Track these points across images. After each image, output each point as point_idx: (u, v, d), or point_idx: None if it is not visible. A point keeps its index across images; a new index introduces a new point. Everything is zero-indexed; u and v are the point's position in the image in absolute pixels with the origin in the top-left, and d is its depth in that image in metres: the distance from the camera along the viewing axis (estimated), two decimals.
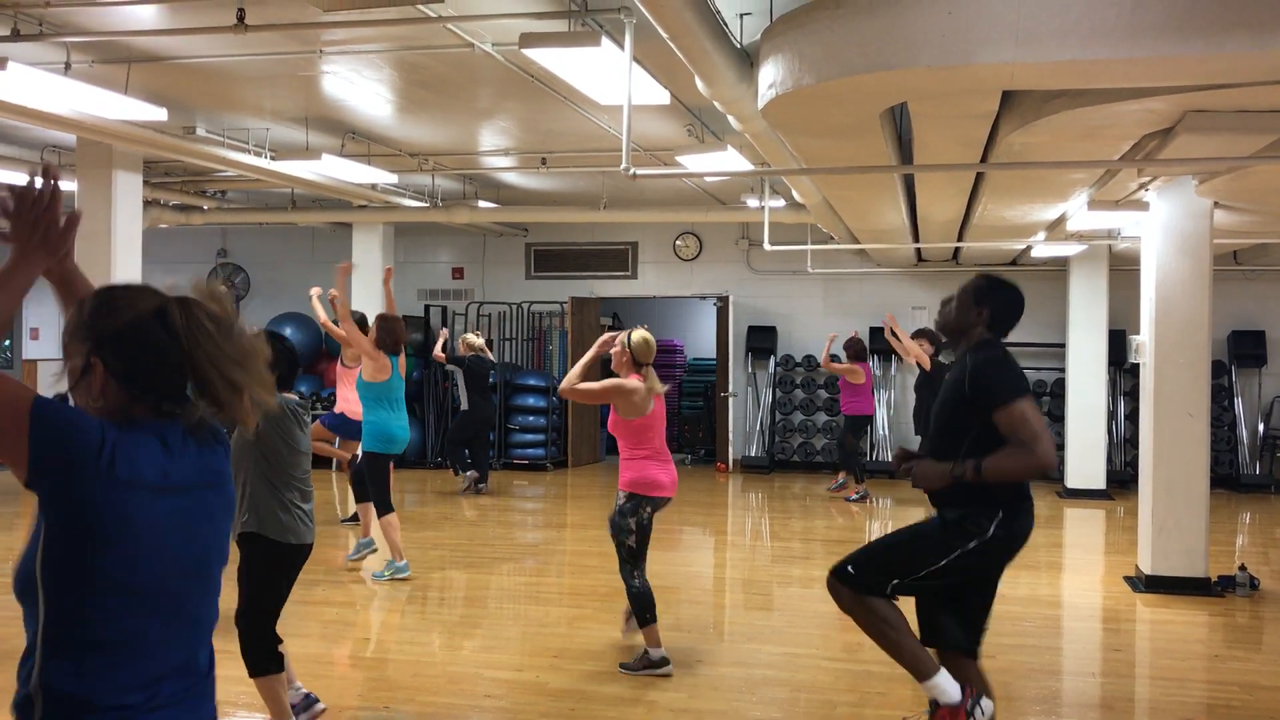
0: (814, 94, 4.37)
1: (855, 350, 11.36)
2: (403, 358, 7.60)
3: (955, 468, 3.65)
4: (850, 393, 11.32)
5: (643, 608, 5.31)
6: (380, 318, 7.52)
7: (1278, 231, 8.93)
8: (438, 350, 10.98)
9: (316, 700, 4.54)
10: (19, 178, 1.95)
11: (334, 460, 9.75)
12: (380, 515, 7.29)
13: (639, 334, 5.36)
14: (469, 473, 11.50)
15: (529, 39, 4.72)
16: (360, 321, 8.22)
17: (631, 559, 5.30)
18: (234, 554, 2.95)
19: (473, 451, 11.67)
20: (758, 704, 5.06)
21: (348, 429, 8.71)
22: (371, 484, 7.41)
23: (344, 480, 9.90)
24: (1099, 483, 11.83)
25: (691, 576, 5.92)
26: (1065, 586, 7.89)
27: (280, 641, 4.32)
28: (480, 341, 11.39)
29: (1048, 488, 12.37)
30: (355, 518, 8.93)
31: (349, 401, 8.56)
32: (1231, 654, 6.17)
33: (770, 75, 4.57)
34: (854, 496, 11.06)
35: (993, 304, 3.88)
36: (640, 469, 5.28)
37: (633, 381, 5.27)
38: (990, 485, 3.68)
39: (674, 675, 5.39)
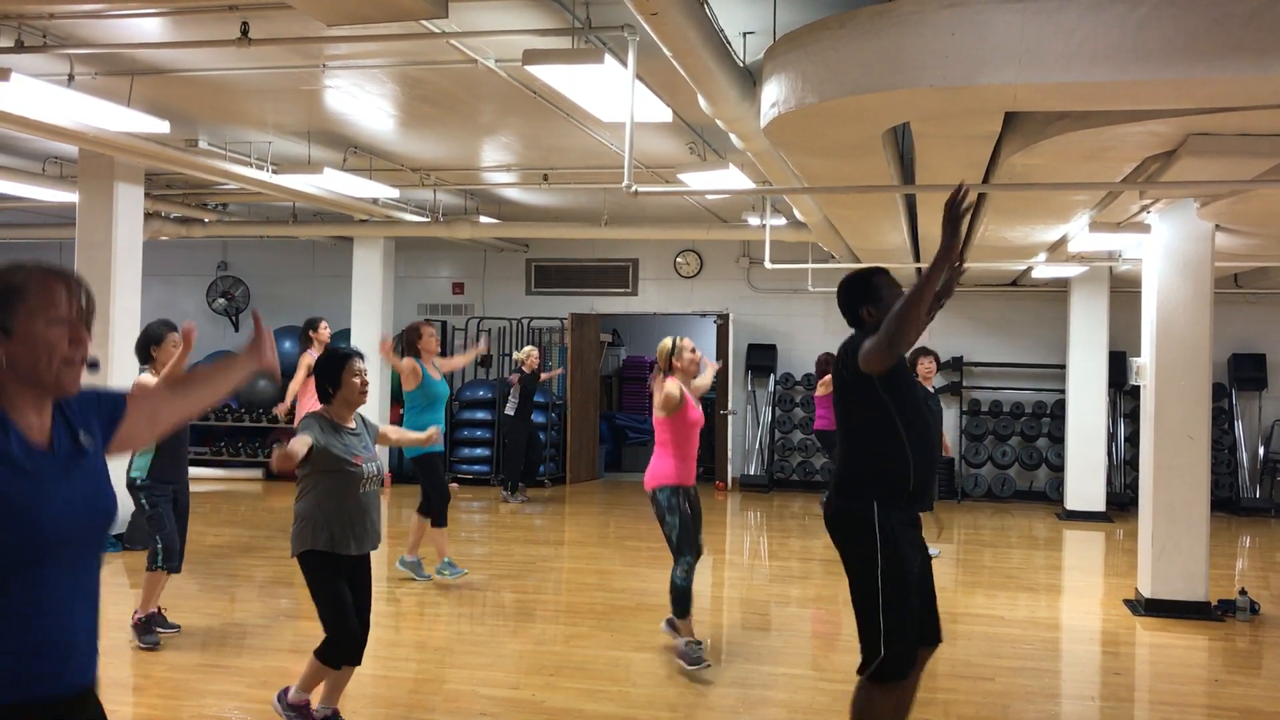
0: (816, 113, 4.37)
1: (825, 367, 11.35)
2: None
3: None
4: (825, 407, 11.29)
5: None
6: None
7: (1279, 255, 8.92)
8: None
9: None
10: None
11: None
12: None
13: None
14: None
15: (532, 55, 4.72)
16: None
17: None
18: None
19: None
20: None
21: None
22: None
23: None
24: (1098, 505, 11.80)
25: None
26: (1064, 609, 7.85)
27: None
28: (517, 355, 12.40)
29: (1047, 509, 12.35)
30: None
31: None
32: (1231, 679, 6.14)
33: (773, 94, 4.57)
34: None
35: None
36: None
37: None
38: None
39: (669, 695, 5.36)
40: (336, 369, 4.46)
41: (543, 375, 12.35)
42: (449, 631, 6.76)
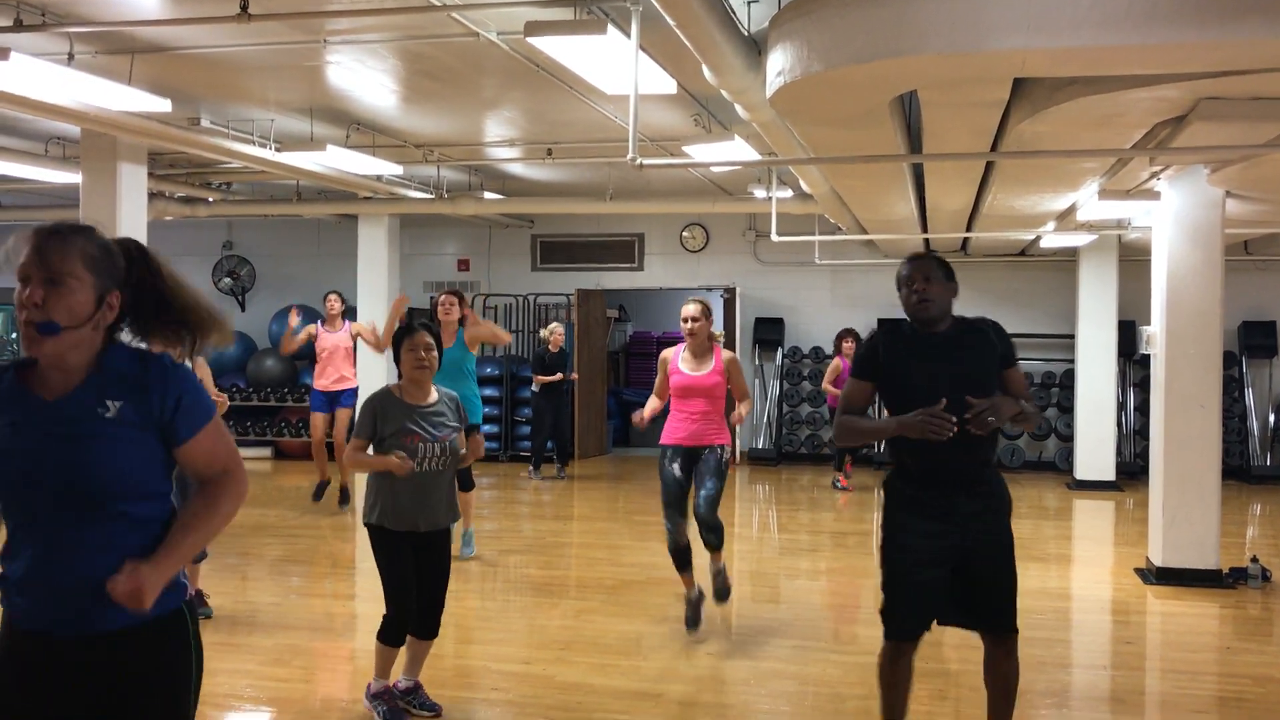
0: (822, 82, 4.32)
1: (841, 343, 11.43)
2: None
3: (1026, 405, 3.74)
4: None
5: (722, 540, 5.87)
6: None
7: None
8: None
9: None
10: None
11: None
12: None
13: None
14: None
15: (534, 27, 4.68)
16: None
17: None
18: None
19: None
20: (766, 697, 5.03)
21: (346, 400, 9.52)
22: None
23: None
24: (1108, 474, 11.78)
25: (699, 569, 5.90)
26: (1075, 579, 7.85)
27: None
28: (543, 333, 12.23)
29: (1057, 479, 12.33)
30: (325, 485, 9.65)
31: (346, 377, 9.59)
32: (1243, 646, 6.13)
33: (778, 63, 4.52)
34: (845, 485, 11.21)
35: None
36: None
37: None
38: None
39: (681, 669, 5.37)
40: (398, 345, 4.49)
41: (568, 375, 12.24)
42: (460, 607, 6.77)
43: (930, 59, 3.90)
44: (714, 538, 5.76)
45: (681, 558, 5.81)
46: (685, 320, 5.82)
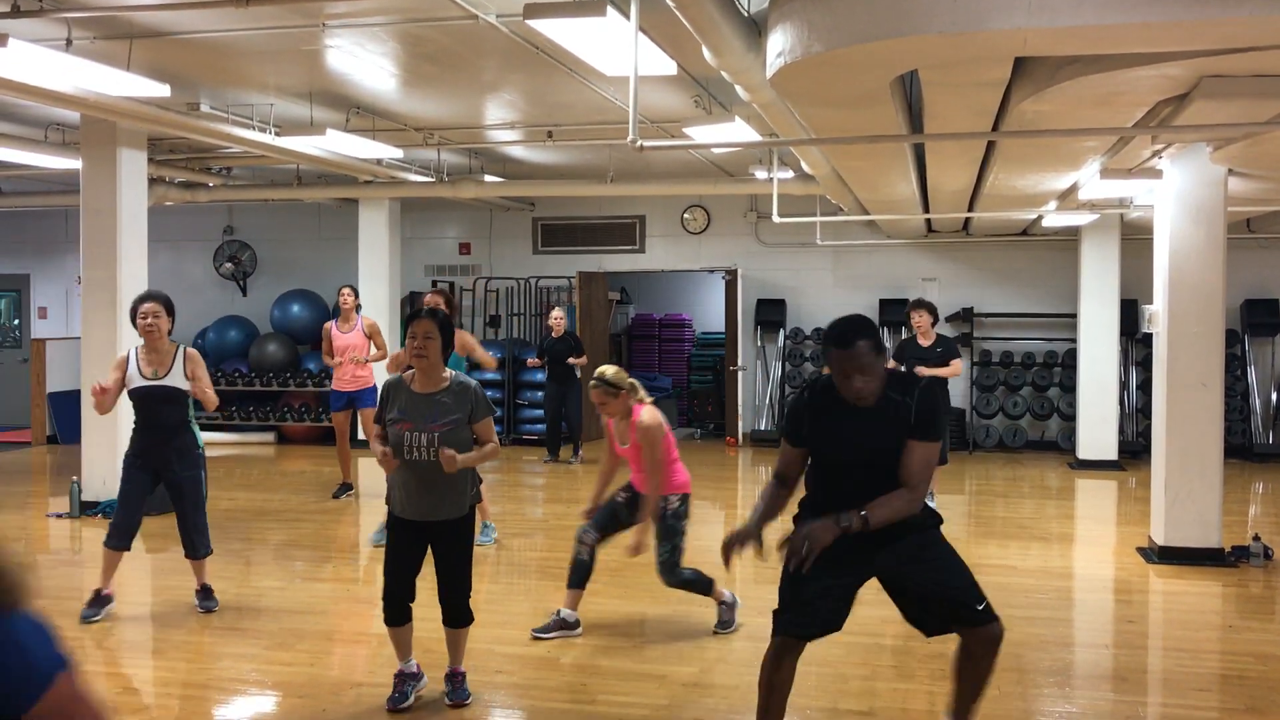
0: (823, 62, 4.30)
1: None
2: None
3: (842, 519, 3.48)
4: None
5: (705, 587, 5.62)
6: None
7: None
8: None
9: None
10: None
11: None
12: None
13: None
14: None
15: (533, 9, 4.66)
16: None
17: (681, 552, 5.52)
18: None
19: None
20: None
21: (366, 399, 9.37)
22: None
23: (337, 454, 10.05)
24: (1111, 453, 11.79)
25: (701, 550, 5.91)
26: (1077, 558, 7.86)
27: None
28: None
29: (1059, 458, 12.34)
30: (348, 487, 9.61)
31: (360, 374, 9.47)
32: (1245, 624, 6.15)
33: (779, 44, 4.50)
34: None
35: None
36: (683, 471, 5.56)
37: (649, 415, 5.43)
38: None
39: (684, 650, 5.39)
40: (405, 331, 4.54)
41: (572, 359, 12.14)
42: None
43: (931, 39, 3.88)
44: (695, 591, 5.64)
45: (577, 573, 5.58)
46: (594, 385, 5.47)
